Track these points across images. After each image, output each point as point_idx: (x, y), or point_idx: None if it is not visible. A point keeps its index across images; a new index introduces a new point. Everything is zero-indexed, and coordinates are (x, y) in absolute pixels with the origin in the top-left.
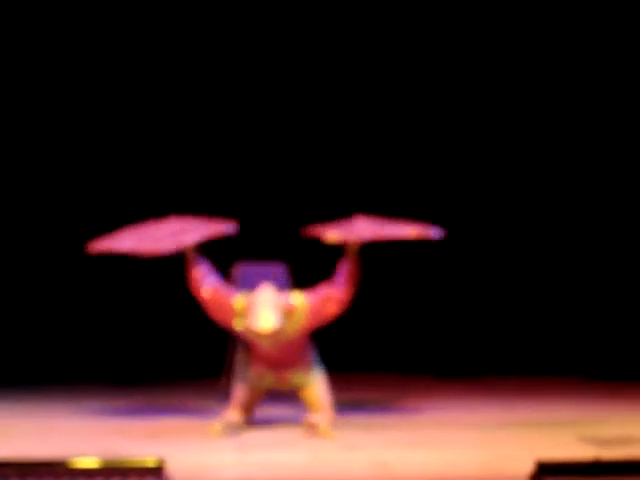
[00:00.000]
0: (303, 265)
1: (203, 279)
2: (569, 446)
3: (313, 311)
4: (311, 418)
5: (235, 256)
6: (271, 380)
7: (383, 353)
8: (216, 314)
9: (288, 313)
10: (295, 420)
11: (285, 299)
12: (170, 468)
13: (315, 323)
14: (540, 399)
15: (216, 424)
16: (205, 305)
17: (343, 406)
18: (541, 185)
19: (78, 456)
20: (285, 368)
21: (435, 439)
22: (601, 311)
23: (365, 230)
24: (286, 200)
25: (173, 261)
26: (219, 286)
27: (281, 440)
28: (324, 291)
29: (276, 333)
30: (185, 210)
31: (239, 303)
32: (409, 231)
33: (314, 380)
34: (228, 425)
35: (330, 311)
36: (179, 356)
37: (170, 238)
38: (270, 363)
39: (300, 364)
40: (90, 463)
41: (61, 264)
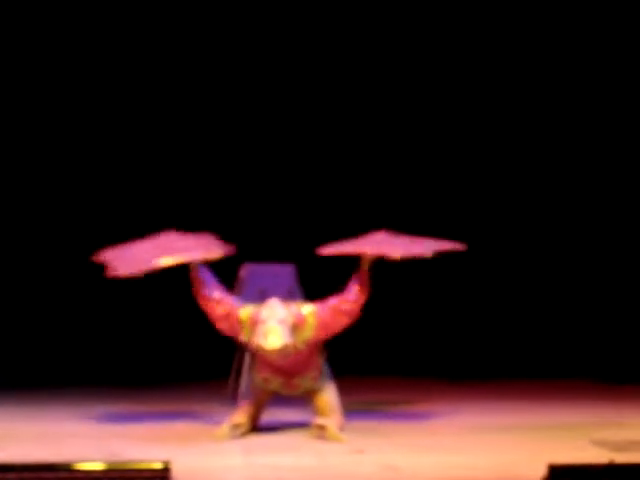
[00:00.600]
0: (311, 267)
1: (208, 293)
2: (582, 450)
3: (323, 323)
4: (320, 421)
5: (243, 257)
6: (278, 384)
7: (393, 357)
8: (222, 326)
9: (297, 325)
10: (303, 424)
11: (295, 310)
12: (176, 471)
13: (325, 335)
14: (552, 403)
15: (222, 427)
16: (211, 318)
17: (352, 410)
18: (548, 191)
19: (83, 460)
20: (293, 375)
21: (446, 443)
22: (615, 315)
23: (399, 246)
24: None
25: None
26: (224, 298)
27: (288, 444)
28: (335, 303)
29: (284, 348)
30: (196, 216)
31: (245, 314)
32: (440, 246)
33: (323, 385)
34: (234, 428)
35: (341, 323)
36: (185, 359)
37: (151, 257)
38: (278, 370)
39: (309, 370)
40: (95, 466)
41: (64, 267)
